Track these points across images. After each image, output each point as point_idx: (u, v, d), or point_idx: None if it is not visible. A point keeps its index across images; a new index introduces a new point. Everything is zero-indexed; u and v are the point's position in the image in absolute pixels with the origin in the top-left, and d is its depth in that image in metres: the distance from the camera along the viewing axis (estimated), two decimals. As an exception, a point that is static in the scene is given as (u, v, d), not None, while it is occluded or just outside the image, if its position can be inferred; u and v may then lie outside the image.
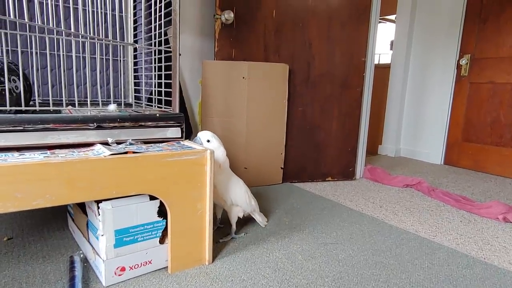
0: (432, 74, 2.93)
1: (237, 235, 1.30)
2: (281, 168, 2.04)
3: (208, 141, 1.19)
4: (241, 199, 1.26)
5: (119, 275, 0.96)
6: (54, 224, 1.34)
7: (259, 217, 1.38)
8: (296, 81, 2.01)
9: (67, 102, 1.08)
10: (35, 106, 1.00)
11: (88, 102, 1.09)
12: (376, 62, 2.70)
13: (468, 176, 2.52)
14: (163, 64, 1.24)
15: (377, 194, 1.97)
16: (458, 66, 2.74)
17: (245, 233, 1.33)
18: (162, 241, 1.03)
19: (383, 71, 3.21)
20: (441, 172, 2.59)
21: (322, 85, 2.06)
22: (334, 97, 2.09)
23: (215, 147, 1.18)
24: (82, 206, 1.11)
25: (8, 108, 0.93)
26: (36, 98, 1.07)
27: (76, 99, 1.08)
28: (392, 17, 3.80)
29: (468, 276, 1.09)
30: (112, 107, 1.12)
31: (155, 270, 1.03)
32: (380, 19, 2.39)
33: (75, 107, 1.08)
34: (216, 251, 1.17)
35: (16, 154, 0.86)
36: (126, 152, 0.92)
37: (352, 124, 2.16)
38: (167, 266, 1.04)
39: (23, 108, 0.95)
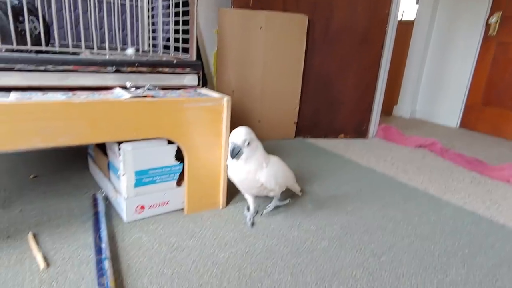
0: (457, 32, 2.79)
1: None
2: (295, 122, 2.05)
3: (248, 144, 0.95)
4: (292, 184, 1.17)
5: (139, 213, 1.02)
6: (75, 167, 1.40)
7: (297, 187, 1.23)
8: (315, 34, 1.95)
9: (85, 45, 1.08)
10: (55, 48, 1.01)
11: (107, 46, 1.09)
12: (399, 18, 2.57)
13: (484, 140, 2.48)
14: (180, 9, 1.21)
15: (389, 152, 1.98)
16: (487, 25, 2.59)
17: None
18: (179, 183, 1.08)
19: (406, 27, 3.06)
20: (456, 136, 2.56)
21: (342, 39, 1.99)
22: (353, 51, 2.03)
23: (257, 147, 1.00)
24: (103, 149, 1.15)
25: (29, 47, 0.94)
26: (56, 40, 1.07)
27: (95, 43, 1.08)
28: (421, -32, 3.53)
29: (473, 232, 1.12)
30: (130, 51, 1.11)
31: (172, 211, 1.09)
32: (408, -31, 2.23)
33: (93, 50, 1.08)
34: (229, 198, 1.22)
35: (39, 93, 0.88)
36: (145, 96, 0.93)
37: (369, 81, 2.11)
38: (183, 208, 1.10)
39: (43, 48, 0.96)
